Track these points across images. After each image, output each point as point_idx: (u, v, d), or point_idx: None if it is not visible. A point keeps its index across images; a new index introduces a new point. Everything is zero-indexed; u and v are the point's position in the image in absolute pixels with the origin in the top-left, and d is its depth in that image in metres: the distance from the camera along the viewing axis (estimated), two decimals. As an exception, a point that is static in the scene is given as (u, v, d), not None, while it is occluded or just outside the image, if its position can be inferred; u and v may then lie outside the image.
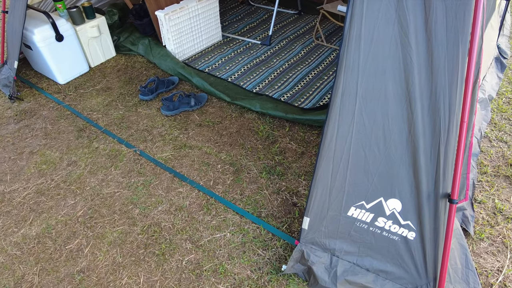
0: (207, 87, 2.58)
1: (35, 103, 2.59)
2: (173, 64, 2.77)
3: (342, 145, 1.33)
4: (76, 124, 2.38)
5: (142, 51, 3.02)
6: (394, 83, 1.24)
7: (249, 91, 2.63)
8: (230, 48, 3.16)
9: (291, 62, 2.96)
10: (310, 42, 3.26)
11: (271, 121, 2.36)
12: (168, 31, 2.75)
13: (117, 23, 3.18)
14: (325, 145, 1.35)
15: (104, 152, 2.15)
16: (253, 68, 2.89)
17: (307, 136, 2.23)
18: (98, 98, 2.61)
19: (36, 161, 2.13)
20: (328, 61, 2.99)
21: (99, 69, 2.94)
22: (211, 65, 2.93)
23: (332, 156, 1.36)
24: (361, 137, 1.31)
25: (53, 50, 2.59)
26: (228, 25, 3.53)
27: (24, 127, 2.39)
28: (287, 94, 2.57)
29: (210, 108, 2.49)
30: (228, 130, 2.29)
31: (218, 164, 2.05)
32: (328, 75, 2.80)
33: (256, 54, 3.09)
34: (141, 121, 2.38)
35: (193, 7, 2.82)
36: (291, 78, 2.76)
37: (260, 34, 3.39)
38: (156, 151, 2.14)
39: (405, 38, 1.20)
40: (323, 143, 1.35)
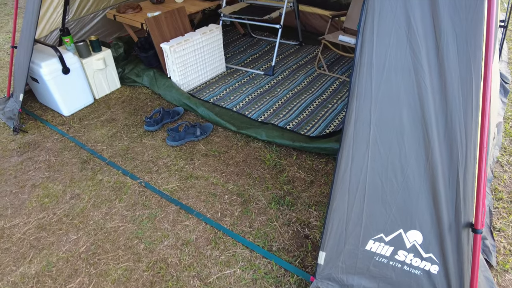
0: (213, 117, 2.57)
1: (39, 135, 2.57)
2: (178, 95, 2.78)
3: (357, 175, 1.29)
4: (80, 156, 2.35)
5: (147, 83, 3.04)
6: (408, 109, 1.22)
7: (254, 120, 2.62)
8: (234, 79, 3.19)
9: (295, 91, 2.98)
10: (313, 72, 3.30)
11: (277, 149, 2.33)
12: (173, 63, 2.78)
13: (122, 56, 3.23)
14: (340, 175, 1.31)
15: (108, 185, 2.10)
16: (257, 98, 2.90)
17: (315, 164, 2.19)
18: (102, 129, 2.59)
19: (38, 194, 2.07)
20: (331, 89, 3.01)
21: (104, 100, 2.95)
22: (215, 96, 2.94)
23: (348, 187, 1.31)
24: (377, 166, 1.27)
25: (59, 83, 2.61)
26: (231, 57, 3.59)
27: (27, 159, 2.35)
28: (293, 123, 2.56)
29: (216, 138, 2.47)
30: (235, 160, 2.26)
31: (225, 195, 1.99)
32: (332, 103, 2.81)
33: (259, 84, 3.11)
34: (146, 152, 2.35)
35: (197, 39, 2.87)
36: (296, 107, 2.76)
37: (263, 65, 3.44)
38: (161, 183, 2.09)
39: (417, 63, 1.20)
40: (337, 173, 1.31)
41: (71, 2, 2.99)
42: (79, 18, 3.15)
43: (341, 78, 3.18)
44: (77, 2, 3.05)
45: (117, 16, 3.19)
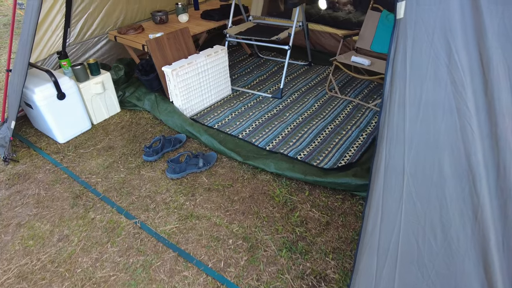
0: (217, 146, 2.37)
1: (31, 164, 2.40)
2: (180, 121, 2.59)
3: (388, 233, 1.07)
4: (73, 190, 2.15)
5: (148, 107, 2.87)
6: (451, 157, 1.01)
7: (262, 148, 2.42)
8: (240, 102, 3.01)
9: (305, 116, 2.78)
10: (323, 94, 3.11)
11: (288, 183, 2.11)
12: (176, 87, 2.61)
13: (123, 78, 3.08)
14: (367, 233, 1.09)
15: (100, 225, 1.90)
16: (264, 123, 2.70)
17: (330, 202, 1.97)
18: (98, 159, 2.41)
19: (23, 235, 1.87)
20: (344, 114, 2.80)
21: (102, 126, 2.78)
22: (220, 121, 2.75)
23: (376, 247, 1.09)
24: (412, 224, 1.05)
25: (54, 109, 2.45)
26: (237, 78, 3.42)
27: (15, 193, 2.17)
28: (304, 152, 2.35)
29: (220, 169, 2.26)
30: (240, 195, 2.04)
31: (229, 239, 1.77)
32: (346, 130, 2.59)
33: (267, 108, 2.92)
34: (144, 185, 2.15)
35: (201, 62, 2.71)
36: (306, 134, 2.55)
37: (271, 87, 3.26)
38: (158, 223, 1.88)
39: (461, 101, 0.99)
40: (364, 230, 1.09)
41: (72, 25, 2.87)
42: (81, 41, 3.01)
43: (355, 101, 2.98)
44: (79, 25, 2.92)
45: (118, 37, 3.05)
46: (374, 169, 1.08)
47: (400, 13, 1.02)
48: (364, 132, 2.56)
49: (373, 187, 1.08)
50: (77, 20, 2.89)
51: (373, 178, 1.08)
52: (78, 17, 2.89)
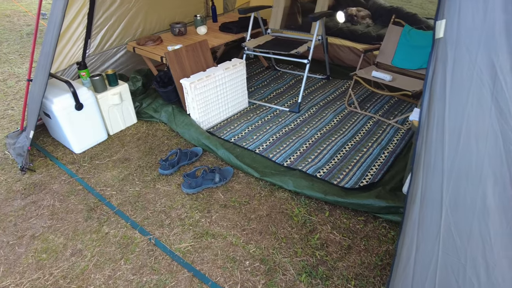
0: (233, 161, 2.32)
1: (47, 174, 2.39)
2: (197, 134, 2.56)
3: (424, 271, 0.99)
4: (87, 202, 2.13)
5: (165, 119, 2.85)
6: (495, 188, 0.93)
7: (279, 164, 2.36)
8: (257, 116, 2.96)
9: (324, 132, 2.71)
10: (343, 109, 3.04)
11: (307, 202, 2.04)
12: (193, 100, 2.58)
13: (141, 89, 3.08)
14: (399, 268, 1.01)
15: (114, 240, 1.85)
16: (282, 138, 2.64)
17: (352, 224, 1.88)
18: (114, 170, 2.38)
19: (36, 248, 1.84)
20: (364, 130, 2.72)
21: (118, 137, 2.77)
22: (237, 134, 2.71)
23: (410, 283, 1.01)
24: (451, 260, 0.97)
25: (72, 119, 2.45)
26: (254, 91, 3.39)
27: (30, 203, 2.15)
28: (323, 170, 2.27)
29: (236, 185, 2.20)
30: (257, 213, 1.98)
31: (246, 260, 1.70)
32: (367, 147, 2.51)
33: (284, 122, 2.86)
34: (159, 200, 2.11)
35: (220, 75, 2.68)
36: (326, 150, 2.48)
37: (288, 101, 3.21)
38: (173, 240, 1.83)
39: (507, 128, 0.91)
40: (396, 267, 1.01)
41: (92, 36, 2.89)
42: (101, 52, 3.03)
43: (375, 117, 2.90)
44: (99, 36, 2.94)
45: (136, 49, 3.06)
46: (410, 199, 1.01)
47: (440, 32, 0.96)
48: (385, 150, 2.48)
49: (407, 219, 1.00)
50: (97, 32, 2.92)
51: (408, 209, 1.00)
52: (99, 29, 2.92)
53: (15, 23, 5.90)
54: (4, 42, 5.04)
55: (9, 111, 3.24)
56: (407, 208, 1.02)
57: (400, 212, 1.88)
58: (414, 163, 1.01)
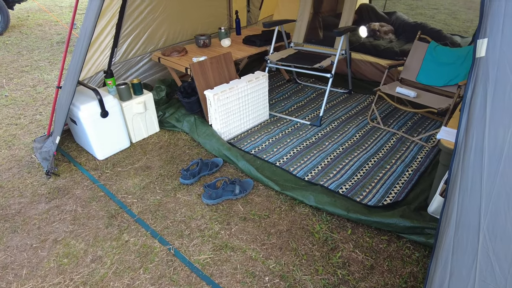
0: (254, 173, 2.31)
1: (70, 179, 2.43)
2: (218, 145, 2.57)
3: (460, 297, 0.94)
4: (108, 209, 2.15)
5: (187, 129, 2.88)
6: (538, 216, 0.88)
7: (300, 178, 2.33)
8: (278, 128, 2.95)
9: (346, 146, 2.67)
10: (365, 124, 3.00)
11: (328, 219, 1.99)
12: (216, 111, 2.60)
13: (164, 99, 3.13)
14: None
15: (134, 248, 1.86)
16: (303, 152, 2.62)
17: (375, 243, 1.83)
18: (135, 178, 2.41)
19: (58, 252, 1.86)
20: (388, 146, 2.67)
21: (141, 145, 2.80)
22: (257, 146, 2.70)
23: (445, 311, 0.96)
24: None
25: (97, 126, 2.50)
26: (275, 104, 3.39)
27: (54, 207, 2.19)
28: (346, 186, 2.23)
29: (256, 197, 2.19)
30: (277, 228, 1.95)
31: (265, 276, 1.67)
32: (391, 164, 2.46)
33: (305, 135, 2.84)
34: (179, 209, 2.11)
35: (242, 87, 2.70)
36: (348, 166, 2.44)
37: (309, 114, 3.19)
38: (192, 251, 1.82)
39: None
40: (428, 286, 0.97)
41: (119, 45, 2.97)
42: (126, 60, 3.11)
43: (398, 134, 2.84)
44: (125, 45, 3.03)
45: (161, 59, 3.12)
46: (443, 222, 0.97)
47: (481, 51, 0.93)
48: (409, 167, 2.42)
49: (441, 240, 0.96)
50: (123, 41, 3.00)
51: (442, 233, 0.96)
52: (125, 38, 3.00)
53: (47, 32, 6.14)
54: (36, 50, 5.24)
55: (37, 116, 3.35)
56: (441, 231, 0.98)
57: (425, 233, 1.81)
58: (449, 185, 0.97)
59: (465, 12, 7.83)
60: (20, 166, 2.62)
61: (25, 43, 5.56)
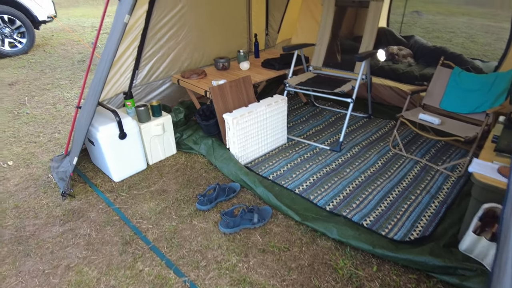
0: (273, 201, 2.23)
1: (86, 201, 2.40)
2: (236, 170, 2.51)
3: None
4: (123, 234, 2.09)
5: (204, 151, 2.84)
6: None
7: (321, 208, 2.23)
8: (296, 153, 2.88)
9: (368, 174, 2.57)
10: (387, 151, 2.90)
11: (352, 254, 1.89)
12: (234, 135, 2.55)
13: (182, 121, 3.11)
14: None
15: (148, 279, 1.78)
16: (323, 179, 2.53)
17: (403, 282, 1.71)
18: (151, 202, 2.36)
19: (70, 280, 1.80)
20: (411, 175, 2.56)
21: (157, 167, 2.77)
22: (275, 171, 2.63)
23: None
24: None
25: (114, 148, 2.48)
26: (293, 127, 3.33)
27: (68, 231, 2.15)
28: (370, 218, 2.12)
29: (275, 227, 2.10)
30: (298, 262, 1.85)
31: (287, 316, 1.56)
32: (415, 194, 2.34)
33: (325, 161, 2.76)
34: (195, 238, 2.03)
35: (261, 111, 2.66)
36: (371, 195, 2.34)
37: (328, 138, 3.11)
38: (209, 285, 1.73)
39: None
40: None
41: (140, 68, 2.99)
42: (147, 83, 3.13)
43: (422, 162, 2.73)
44: (147, 68, 3.05)
45: (181, 81, 3.13)
46: (497, 269, 0.87)
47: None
48: (435, 199, 2.30)
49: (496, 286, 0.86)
50: (145, 64, 3.02)
51: (496, 278, 0.87)
52: (147, 61, 3.02)
53: (69, 51, 6.32)
54: (58, 68, 5.37)
55: (56, 134, 3.37)
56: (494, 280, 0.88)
57: (459, 273, 1.68)
58: (502, 229, 0.88)
59: (483, 35, 7.75)
60: (36, 185, 2.60)
61: (48, 61, 5.71)
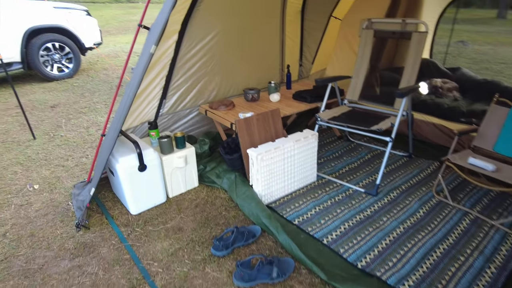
0: (296, 252, 1.98)
1: (99, 235, 2.28)
2: (257, 211, 2.30)
3: None
4: (130, 277, 1.93)
5: (226, 186, 2.67)
6: None
7: (352, 265, 1.95)
8: (326, 194, 2.63)
9: (408, 226, 2.26)
10: (430, 198, 2.57)
11: (386, 327, 1.58)
12: (258, 172, 2.37)
13: (207, 152, 2.99)
14: None
15: (148, 336, 1.58)
16: (356, 228, 2.25)
17: None
18: (165, 241, 2.19)
19: (67, 328, 1.65)
20: (459, 229, 2.21)
21: (177, 201, 2.63)
22: (301, 215, 2.39)
23: None
24: None
25: (133, 180, 2.38)
26: (324, 163, 3.09)
27: (76, 267, 2.02)
28: (409, 281, 1.81)
29: (297, 284, 1.84)
30: (321, 331, 1.57)
31: None
32: (465, 255, 1.99)
33: (359, 206, 2.48)
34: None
35: (289, 147, 2.46)
36: (411, 252, 2.02)
37: (363, 179, 2.83)
38: None
39: None
40: None
41: (168, 97, 2.94)
42: (174, 112, 3.06)
43: (472, 214, 2.37)
44: (174, 97, 2.99)
45: (208, 112, 3.03)
46: None
47: None
48: (491, 263, 1.93)
49: None
50: (173, 93, 2.96)
51: None
52: (175, 90, 2.97)
53: (109, 75, 6.58)
54: (97, 92, 5.56)
55: (84, 159, 3.37)
56: None
57: None
58: None
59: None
60: (55, 213, 2.55)
61: (89, 85, 5.95)
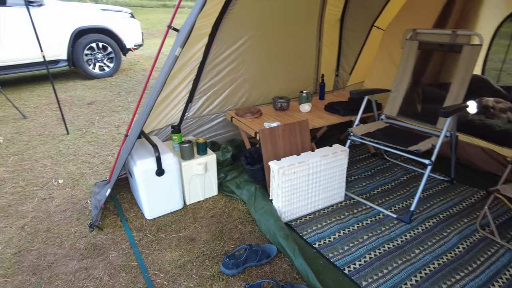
0: (312, 281, 1.78)
1: (111, 237, 2.22)
2: (275, 229, 2.12)
3: None
4: (134, 287, 1.83)
5: (246, 198, 2.52)
6: None
7: (374, 300, 1.72)
8: (353, 216, 2.40)
9: (444, 262, 1.98)
10: (472, 231, 2.26)
11: None
12: (279, 186, 2.20)
13: (229, 160, 2.87)
14: None
15: None
16: (384, 259, 2.01)
17: None
18: (175, 251, 2.08)
19: (63, 335, 1.57)
20: (508, 274, 1.90)
21: (193, 209, 2.52)
22: (324, 238, 2.18)
23: None
24: None
25: (150, 184, 2.30)
26: (354, 182, 2.85)
27: (83, 269, 1.97)
28: (442, 331, 1.55)
29: (310, 316, 1.64)
30: None
31: None
32: (514, 306, 1.69)
33: (389, 233, 2.23)
34: (210, 311, 1.68)
35: (315, 162, 2.27)
36: (446, 295, 1.75)
37: (396, 204, 2.57)
38: None
39: None
40: None
41: (194, 101, 2.87)
42: (199, 116, 2.99)
43: (524, 256, 2.04)
44: (201, 101, 2.92)
45: (234, 119, 2.91)
46: None
47: None
48: (547, 319, 1.62)
49: None
50: (200, 97, 2.89)
51: None
52: (202, 94, 2.89)
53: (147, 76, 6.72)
54: (132, 92, 5.67)
55: (109, 157, 3.37)
56: None
57: None
58: None
59: None
60: (73, 210, 2.53)
61: (126, 85, 6.09)
